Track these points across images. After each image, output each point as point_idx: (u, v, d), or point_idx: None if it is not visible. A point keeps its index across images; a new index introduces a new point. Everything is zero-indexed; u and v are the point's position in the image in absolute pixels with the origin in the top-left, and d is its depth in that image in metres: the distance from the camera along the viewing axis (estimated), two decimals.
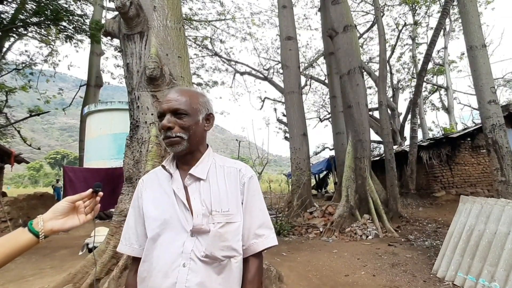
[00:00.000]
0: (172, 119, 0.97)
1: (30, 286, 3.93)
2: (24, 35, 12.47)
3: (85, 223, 0.91)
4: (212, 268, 0.92)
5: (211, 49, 19.04)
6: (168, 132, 0.97)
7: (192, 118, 0.99)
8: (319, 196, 16.36)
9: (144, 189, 1.06)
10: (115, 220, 3.68)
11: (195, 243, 0.92)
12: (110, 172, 6.71)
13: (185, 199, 0.97)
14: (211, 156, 1.07)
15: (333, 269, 4.40)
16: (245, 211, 1.01)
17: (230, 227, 0.96)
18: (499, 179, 5.58)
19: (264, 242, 1.01)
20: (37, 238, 0.80)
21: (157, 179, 1.06)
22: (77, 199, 0.90)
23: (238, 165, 1.07)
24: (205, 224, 0.93)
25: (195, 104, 1.01)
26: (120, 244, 1.08)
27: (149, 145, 3.51)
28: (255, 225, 1.01)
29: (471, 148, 10.48)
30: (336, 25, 8.47)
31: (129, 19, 3.64)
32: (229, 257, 0.94)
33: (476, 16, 6.16)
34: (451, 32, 19.42)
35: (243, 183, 1.02)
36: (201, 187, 0.99)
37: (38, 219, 0.83)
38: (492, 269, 3.14)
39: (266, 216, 1.06)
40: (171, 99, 0.99)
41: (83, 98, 15.09)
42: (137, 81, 3.72)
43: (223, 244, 0.93)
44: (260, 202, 1.05)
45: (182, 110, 0.97)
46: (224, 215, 0.96)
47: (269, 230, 1.04)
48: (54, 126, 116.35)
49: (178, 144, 0.97)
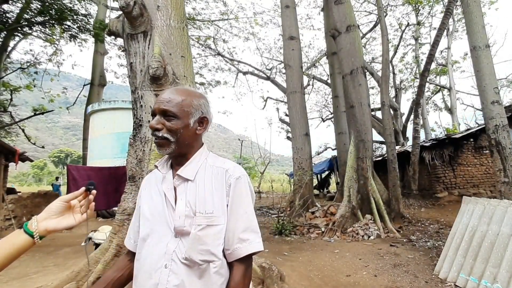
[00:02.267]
0: (161, 120, 0.97)
1: (34, 283, 3.97)
2: (28, 34, 12.56)
3: (81, 222, 0.90)
4: (193, 271, 0.90)
5: (214, 48, 19.08)
6: (156, 132, 0.98)
7: (181, 121, 0.97)
8: (321, 196, 16.34)
9: (144, 188, 1.09)
10: (118, 219, 3.71)
11: (178, 244, 0.92)
12: (113, 171, 6.73)
13: (173, 199, 0.97)
14: (203, 156, 1.05)
15: (334, 269, 4.40)
16: (230, 214, 0.97)
17: (210, 230, 0.93)
18: (502, 180, 5.55)
19: (248, 247, 0.95)
20: (33, 238, 0.79)
21: (154, 178, 1.07)
22: (70, 198, 0.89)
23: (226, 165, 1.03)
24: (187, 225, 0.92)
25: (187, 107, 0.99)
26: (125, 239, 1.14)
27: (152, 144, 3.54)
28: (239, 228, 0.96)
29: (474, 149, 10.42)
30: (339, 25, 8.46)
31: (133, 19, 3.66)
32: (207, 261, 0.91)
33: (479, 16, 6.14)
34: (454, 32, 19.33)
35: (229, 184, 0.98)
36: (188, 188, 0.98)
37: (33, 220, 0.82)
38: (495, 270, 3.13)
39: (252, 220, 1.00)
40: (162, 100, 0.98)
41: (87, 97, 15.17)
42: (141, 81, 3.74)
43: (201, 248, 0.91)
44: (246, 205, 1.00)
45: (170, 113, 0.96)
46: (206, 217, 0.93)
47: (255, 234, 0.98)
48: (58, 124, 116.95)
49: (165, 146, 0.97)
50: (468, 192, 9.56)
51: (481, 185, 10.13)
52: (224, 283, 0.95)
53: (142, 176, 3.60)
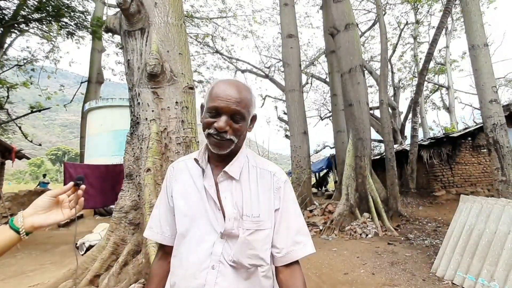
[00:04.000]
0: (229, 121, 0.89)
1: (31, 281, 3.95)
2: (25, 31, 12.44)
3: (70, 218, 0.88)
4: (240, 273, 0.89)
5: (212, 46, 19.01)
6: (223, 134, 0.89)
7: (246, 122, 0.94)
8: (319, 195, 16.37)
9: (175, 180, 1.02)
10: (115, 217, 3.69)
11: (224, 246, 0.90)
12: (110, 168, 6.70)
13: (216, 197, 0.93)
14: (244, 153, 1.01)
15: (332, 267, 4.40)
16: (281, 218, 0.96)
17: (259, 235, 0.91)
18: (500, 179, 5.57)
19: (303, 249, 0.96)
20: (19, 234, 0.77)
21: (187, 170, 1.01)
22: (58, 193, 0.86)
23: (272, 168, 1.01)
24: (235, 228, 0.90)
25: (251, 107, 0.94)
26: (149, 231, 1.05)
27: (150, 142, 3.52)
28: (292, 232, 0.96)
29: (472, 147, 10.45)
30: (337, 23, 8.43)
31: (130, 16, 3.64)
32: (256, 265, 0.91)
33: (478, 15, 6.13)
34: (453, 31, 19.33)
35: (277, 188, 0.97)
36: (233, 187, 0.94)
37: (18, 215, 0.80)
38: (492, 268, 3.14)
39: (303, 223, 1.00)
40: (231, 97, 0.89)
41: (84, 95, 15.09)
42: (138, 78, 3.72)
43: (250, 252, 0.90)
44: (295, 208, 1.00)
45: (241, 115, 0.90)
46: (254, 222, 0.91)
47: (307, 237, 0.99)
48: (55, 122, 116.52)
49: (225, 146, 0.91)
50: (465, 190, 9.59)
51: (478, 184, 10.17)
52: (271, 285, 0.95)
53: (139, 173, 3.59)
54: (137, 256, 3.38)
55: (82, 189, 0.89)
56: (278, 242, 0.95)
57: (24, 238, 0.78)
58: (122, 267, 3.31)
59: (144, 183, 3.38)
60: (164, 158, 3.56)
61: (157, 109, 3.63)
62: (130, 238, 3.54)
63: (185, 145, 3.65)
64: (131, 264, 3.32)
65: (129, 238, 3.55)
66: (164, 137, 3.60)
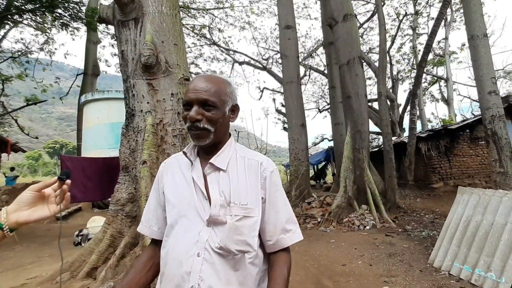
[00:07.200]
0: (200, 111, 0.93)
1: (29, 274, 3.94)
2: (19, 23, 12.24)
3: (56, 214, 0.84)
4: (226, 260, 0.91)
5: (209, 38, 18.79)
6: (196, 123, 0.92)
7: (220, 110, 0.95)
8: (317, 187, 16.42)
9: (165, 173, 1.05)
10: (111, 209, 3.67)
11: (211, 233, 0.91)
12: (107, 161, 6.64)
13: (204, 187, 0.95)
14: (232, 146, 1.04)
15: (330, 259, 4.42)
16: (269, 207, 0.99)
17: (247, 221, 0.93)
18: (498, 170, 5.58)
19: (292, 237, 1.01)
20: (2, 231, 0.74)
21: (177, 164, 1.04)
22: (41, 187, 0.82)
23: (260, 158, 1.04)
24: (222, 215, 0.91)
25: (224, 95, 0.96)
26: (140, 225, 1.10)
27: (145, 134, 3.47)
28: (282, 220, 1.00)
29: (470, 139, 10.47)
30: (335, 14, 8.33)
31: (124, 5, 3.56)
32: (243, 251, 0.92)
33: (478, 5, 6.06)
34: (452, 22, 19.18)
35: (264, 177, 0.99)
36: (220, 177, 0.97)
37: (2, 211, 0.77)
38: (489, 259, 3.15)
39: (291, 211, 1.05)
40: (200, 88, 0.93)
41: (80, 87, 14.94)
42: (132, 69, 3.65)
43: (238, 238, 0.91)
44: (283, 197, 1.03)
45: (210, 102, 0.93)
46: (242, 208, 0.93)
47: (295, 225, 1.04)
48: (52, 115, 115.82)
49: (204, 137, 0.94)
50: (463, 182, 9.63)
51: (476, 176, 10.22)
52: (259, 274, 0.97)
53: (135, 166, 3.55)
54: (134, 249, 3.37)
55: (68, 184, 0.86)
56: (268, 231, 0.99)
57: (8, 235, 0.76)
58: (120, 260, 3.30)
59: (140, 175, 3.35)
60: (160, 150, 3.52)
61: (153, 100, 3.57)
62: (127, 230, 3.53)
63: (181, 137, 3.61)
64: (128, 256, 3.31)
65: (126, 231, 3.53)
66: (160, 129, 3.56)
